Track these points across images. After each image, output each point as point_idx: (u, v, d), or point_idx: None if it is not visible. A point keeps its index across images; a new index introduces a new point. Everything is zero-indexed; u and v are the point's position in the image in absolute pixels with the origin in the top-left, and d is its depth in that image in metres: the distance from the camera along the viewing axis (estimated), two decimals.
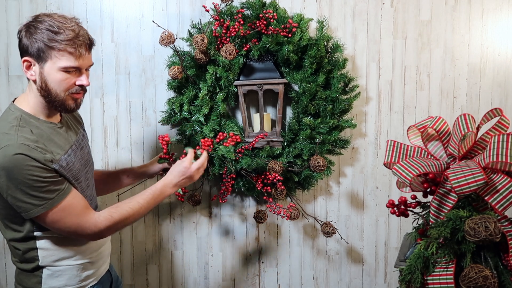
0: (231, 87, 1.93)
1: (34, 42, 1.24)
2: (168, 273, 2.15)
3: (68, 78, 1.28)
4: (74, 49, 1.25)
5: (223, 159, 1.94)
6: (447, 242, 1.20)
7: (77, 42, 1.26)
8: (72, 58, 1.26)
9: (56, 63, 1.25)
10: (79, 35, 1.27)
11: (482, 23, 2.03)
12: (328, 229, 2.00)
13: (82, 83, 1.30)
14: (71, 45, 1.25)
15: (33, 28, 1.25)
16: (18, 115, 1.28)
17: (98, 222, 1.31)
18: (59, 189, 1.26)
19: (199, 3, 1.99)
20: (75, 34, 1.26)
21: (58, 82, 1.27)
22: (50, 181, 1.24)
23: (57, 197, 1.25)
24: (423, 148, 1.42)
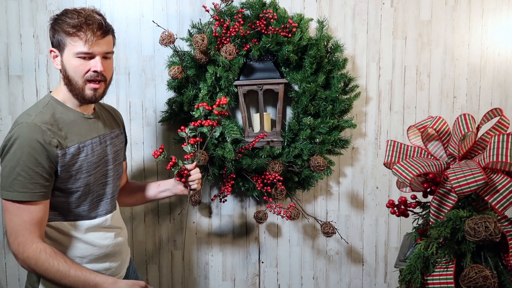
0: (231, 87, 1.93)
1: (55, 32, 1.33)
2: (168, 273, 2.15)
3: (83, 64, 1.32)
4: (83, 33, 1.29)
5: (223, 159, 1.94)
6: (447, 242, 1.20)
7: (84, 27, 1.29)
8: (81, 43, 1.30)
9: (71, 49, 1.31)
10: (88, 20, 1.30)
11: (482, 23, 2.03)
12: (328, 229, 2.00)
13: (95, 68, 1.32)
14: (79, 29, 1.29)
15: (56, 19, 1.34)
16: (46, 100, 1.37)
17: (26, 251, 1.28)
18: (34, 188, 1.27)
19: (199, 3, 1.99)
20: (84, 19, 1.29)
21: (74, 68, 1.32)
22: (37, 172, 1.26)
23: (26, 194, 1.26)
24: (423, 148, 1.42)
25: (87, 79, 1.33)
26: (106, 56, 1.36)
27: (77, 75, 1.33)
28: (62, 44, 1.32)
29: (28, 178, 1.26)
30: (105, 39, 1.34)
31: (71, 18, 1.30)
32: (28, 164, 1.25)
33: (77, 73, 1.32)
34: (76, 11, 1.33)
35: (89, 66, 1.32)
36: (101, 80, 1.35)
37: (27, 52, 1.99)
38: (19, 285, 2.09)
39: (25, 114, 1.33)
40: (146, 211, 2.10)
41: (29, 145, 1.26)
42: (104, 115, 1.52)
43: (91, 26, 1.30)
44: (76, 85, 1.34)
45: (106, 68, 1.36)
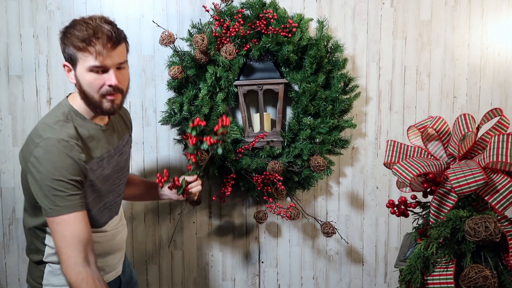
0: (231, 87, 1.93)
1: (65, 46, 1.27)
2: (168, 273, 2.15)
3: (97, 79, 1.26)
4: (92, 47, 1.23)
5: (223, 159, 1.94)
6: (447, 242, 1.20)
7: (94, 40, 1.23)
8: (91, 57, 1.24)
9: (82, 64, 1.25)
10: (97, 32, 1.23)
11: (482, 23, 2.03)
12: (328, 229, 2.00)
13: (109, 82, 1.27)
14: (89, 43, 1.23)
15: (66, 33, 1.27)
16: (66, 110, 1.33)
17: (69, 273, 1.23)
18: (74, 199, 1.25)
19: (199, 3, 1.99)
20: (92, 31, 1.23)
21: (89, 83, 1.27)
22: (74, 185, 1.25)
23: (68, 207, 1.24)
24: (423, 148, 1.42)
25: (103, 93, 1.28)
26: (120, 66, 1.29)
27: (92, 90, 1.27)
28: (73, 59, 1.27)
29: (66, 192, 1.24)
30: (117, 50, 1.27)
31: (79, 30, 1.24)
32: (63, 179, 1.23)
33: (92, 88, 1.27)
34: (85, 22, 1.25)
35: (103, 80, 1.27)
36: (117, 92, 1.30)
37: (27, 52, 1.99)
38: (19, 285, 2.09)
39: (48, 127, 1.28)
40: (146, 211, 2.10)
41: (62, 161, 1.24)
42: (117, 122, 1.48)
43: (100, 38, 1.23)
44: (93, 99, 1.29)
45: (121, 79, 1.30)
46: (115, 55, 1.27)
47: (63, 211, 1.23)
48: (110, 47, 1.25)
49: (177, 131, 2.02)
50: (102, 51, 1.23)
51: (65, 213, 1.24)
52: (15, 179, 2.06)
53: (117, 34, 1.27)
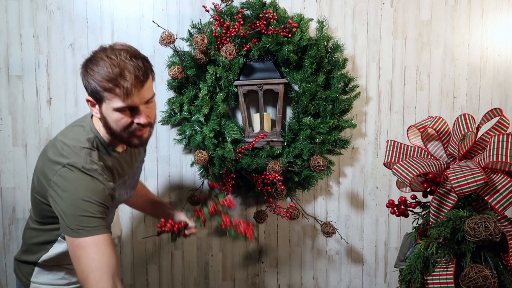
0: (231, 87, 1.93)
1: (89, 84, 1.19)
2: (168, 273, 2.15)
3: (124, 118, 1.20)
4: (119, 89, 1.15)
5: (223, 159, 1.94)
6: (447, 242, 1.20)
7: (121, 82, 1.15)
8: (118, 99, 1.16)
9: (109, 104, 1.18)
10: (124, 72, 1.15)
11: (482, 23, 2.03)
12: (328, 229, 2.00)
13: (139, 121, 1.21)
14: (116, 84, 1.15)
15: (87, 68, 1.19)
16: (92, 137, 1.28)
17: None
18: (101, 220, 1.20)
19: (199, 3, 1.99)
20: (119, 70, 1.15)
21: (116, 122, 1.21)
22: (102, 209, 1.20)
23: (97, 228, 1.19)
24: (423, 148, 1.42)
25: (131, 131, 1.23)
26: (148, 101, 1.22)
27: (119, 128, 1.22)
28: (99, 97, 1.19)
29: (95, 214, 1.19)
30: (145, 86, 1.19)
31: (103, 67, 1.15)
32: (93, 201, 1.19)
33: (119, 126, 1.21)
34: (108, 57, 1.16)
35: (132, 119, 1.21)
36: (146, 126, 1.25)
37: (27, 52, 1.99)
38: None
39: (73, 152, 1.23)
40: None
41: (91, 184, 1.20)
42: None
43: (128, 80, 1.15)
44: (120, 136, 1.24)
45: (150, 113, 1.24)
46: (143, 93, 1.19)
47: (93, 232, 1.17)
48: (139, 86, 1.17)
49: (177, 131, 2.02)
50: (130, 92, 1.16)
51: (95, 234, 1.17)
52: (15, 179, 2.06)
53: (144, 69, 1.18)
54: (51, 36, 1.99)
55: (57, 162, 1.22)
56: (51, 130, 2.03)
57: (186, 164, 2.08)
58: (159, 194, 2.09)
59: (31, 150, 2.04)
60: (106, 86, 1.15)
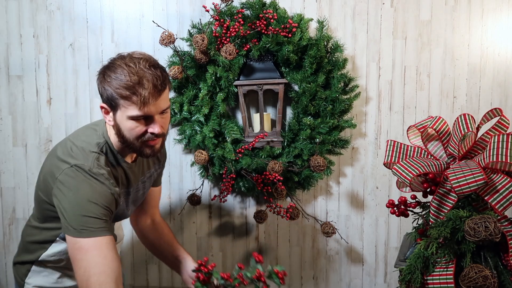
0: (231, 87, 1.93)
1: (105, 91, 1.19)
2: (168, 273, 2.15)
3: (139, 127, 1.20)
4: (137, 97, 1.14)
5: (223, 159, 1.94)
6: (447, 242, 1.20)
7: (139, 90, 1.14)
8: (135, 107, 1.16)
9: (124, 112, 1.18)
10: (143, 79, 1.15)
11: (482, 23, 2.03)
12: (328, 229, 2.00)
13: (153, 131, 1.21)
14: (133, 92, 1.14)
15: (105, 75, 1.19)
16: (102, 142, 1.27)
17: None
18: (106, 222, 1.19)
19: (199, 3, 1.99)
20: (138, 78, 1.14)
21: (129, 130, 1.20)
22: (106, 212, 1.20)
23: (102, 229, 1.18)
24: (423, 148, 1.42)
25: (144, 140, 1.22)
26: (163, 112, 1.22)
27: (132, 137, 1.21)
28: (114, 104, 1.18)
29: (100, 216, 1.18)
30: (162, 96, 1.19)
31: (121, 74, 1.15)
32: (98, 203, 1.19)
33: (133, 135, 1.21)
34: (126, 64, 1.16)
35: (146, 128, 1.21)
36: (159, 137, 1.24)
37: (27, 52, 1.99)
38: None
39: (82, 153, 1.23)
40: None
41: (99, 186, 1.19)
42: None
43: (146, 88, 1.14)
44: (132, 144, 1.23)
45: (164, 124, 1.24)
46: (160, 102, 1.19)
47: (96, 234, 1.15)
48: (156, 96, 1.17)
49: (177, 131, 2.02)
50: (147, 101, 1.15)
51: (98, 235, 1.15)
52: (15, 179, 2.06)
53: (162, 79, 1.18)
54: (51, 36, 1.99)
55: (65, 162, 1.21)
56: (51, 130, 2.03)
57: (186, 164, 2.08)
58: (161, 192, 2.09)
59: (31, 150, 2.04)
60: (123, 94, 1.15)
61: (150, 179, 1.49)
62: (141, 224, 1.61)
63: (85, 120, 2.03)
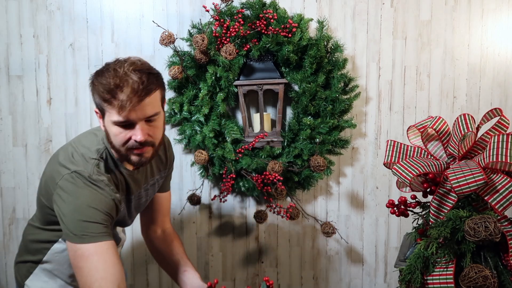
0: (231, 87, 1.93)
1: (94, 96, 1.18)
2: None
3: (122, 133, 1.16)
4: (116, 99, 1.11)
5: (223, 159, 1.94)
6: (447, 242, 1.20)
7: (117, 92, 1.11)
8: (115, 111, 1.12)
9: (108, 117, 1.16)
10: (123, 82, 1.11)
11: (482, 23, 2.03)
12: (328, 229, 2.00)
13: (135, 138, 1.16)
14: (113, 95, 1.11)
15: (94, 80, 1.17)
16: (102, 148, 1.25)
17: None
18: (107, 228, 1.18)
19: (199, 3, 1.99)
20: (118, 84, 1.11)
21: (114, 136, 1.18)
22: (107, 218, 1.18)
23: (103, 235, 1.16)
24: (423, 148, 1.42)
25: (128, 147, 1.18)
26: (150, 119, 1.17)
27: (117, 143, 1.18)
28: (102, 109, 1.17)
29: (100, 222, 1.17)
30: (145, 102, 1.13)
31: (106, 78, 1.12)
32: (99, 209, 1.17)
33: (117, 141, 1.18)
34: (114, 69, 1.13)
35: (130, 135, 1.16)
36: (146, 146, 1.19)
37: (27, 52, 1.99)
38: None
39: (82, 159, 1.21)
40: None
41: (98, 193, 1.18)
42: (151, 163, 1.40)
43: (124, 91, 1.10)
44: (119, 152, 1.21)
45: (152, 131, 1.19)
46: (142, 108, 1.13)
47: (97, 239, 1.14)
48: (136, 101, 1.11)
49: (177, 131, 2.02)
50: (124, 106, 1.10)
51: (99, 240, 1.13)
52: (15, 179, 2.06)
53: (146, 84, 1.13)
54: (51, 36, 1.99)
55: (66, 167, 1.20)
56: (51, 130, 2.03)
57: (186, 164, 2.08)
58: None
59: (31, 150, 2.04)
60: (105, 97, 1.12)
61: (154, 186, 1.46)
62: (151, 235, 1.55)
63: (85, 120, 2.03)
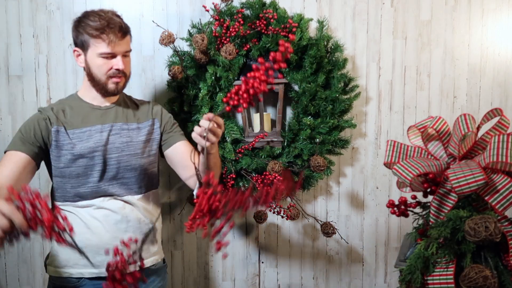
0: (231, 87, 1.93)
1: (79, 34, 1.45)
2: (168, 273, 2.14)
3: (106, 63, 1.46)
4: (106, 35, 1.42)
5: (223, 159, 1.94)
6: (447, 242, 1.20)
7: (107, 30, 1.42)
8: (104, 44, 1.43)
9: (94, 50, 1.44)
10: (110, 23, 1.42)
11: (482, 23, 2.03)
12: (328, 229, 2.00)
13: (117, 67, 1.46)
14: (102, 32, 1.42)
15: (80, 21, 1.46)
16: (69, 95, 1.60)
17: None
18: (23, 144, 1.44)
19: (199, 3, 1.99)
20: (106, 22, 1.42)
21: (98, 67, 1.46)
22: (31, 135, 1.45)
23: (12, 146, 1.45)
24: (423, 148, 1.42)
25: (110, 75, 1.48)
26: (125, 54, 1.49)
27: (100, 73, 1.47)
28: (85, 45, 1.45)
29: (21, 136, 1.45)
30: (125, 39, 1.48)
31: (93, 21, 1.43)
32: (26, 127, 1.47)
33: (101, 71, 1.47)
34: (98, 13, 1.45)
35: (111, 65, 1.46)
36: (122, 75, 1.49)
37: (27, 52, 1.99)
38: (19, 285, 2.09)
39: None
40: None
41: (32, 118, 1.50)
42: (124, 107, 1.59)
43: (113, 28, 1.43)
44: (100, 81, 1.48)
45: (126, 65, 1.50)
46: (123, 44, 1.47)
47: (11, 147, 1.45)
48: (120, 36, 1.45)
49: None
50: (114, 40, 1.43)
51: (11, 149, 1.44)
52: None
53: (125, 26, 1.48)
54: (51, 36, 1.99)
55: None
56: None
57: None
58: (159, 194, 2.09)
59: None
60: (95, 34, 1.42)
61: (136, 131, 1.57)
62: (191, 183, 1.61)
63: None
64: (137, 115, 1.61)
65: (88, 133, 1.49)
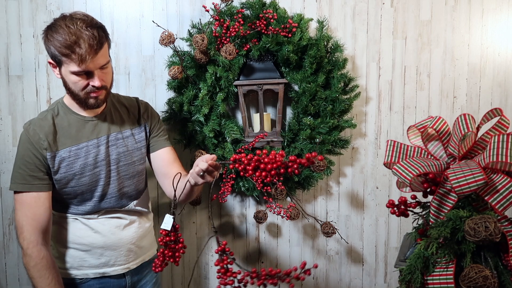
0: (231, 87, 1.93)
1: (49, 48, 1.33)
2: (168, 273, 2.14)
3: (81, 81, 1.34)
4: (75, 55, 1.28)
5: (223, 159, 1.94)
6: (447, 242, 1.20)
7: (76, 48, 1.28)
8: (74, 64, 1.30)
9: (66, 67, 1.33)
10: (79, 38, 1.28)
11: (482, 23, 2.03)
12: (328, 229, 2.00)
13: (93, 84, 1.35)
14: (71, 51, 1.28)
15: (48, 35, 1.32)
16: (54, 104, 1.48)
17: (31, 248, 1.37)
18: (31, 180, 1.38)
19: (199, 3, 1.99)
20: (75, 38, 1.28)
21: (73, 83, 1.35)
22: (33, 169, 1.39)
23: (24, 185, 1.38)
24: (423, 148, 1.42)
25: (87, 92, 1.37)
26: (103, 67, 1.36)
27: (77, 89, 1.36)
28: (57, 61, 1.33)
29: (26, 171, 1.38)
30: (99, 54, 1.32)
31: (61, 34, 1.28)
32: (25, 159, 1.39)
33: (77, 87, 1.36)
34: (67, 26, 1.29)
35: (87, 81, 1.35)
36: (101, 89, 1.38)
37: (27, 52, 1.99)
38: (19, 285, 2.09)
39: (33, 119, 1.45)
40: None
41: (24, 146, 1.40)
42: (115, 114, 1.53)
43: (82, 47, 1.28)
44: (78, 96, 1.38)
45: (105, 77, 1.37)
46: (97, 59, 1.32)
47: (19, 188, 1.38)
48: (93, 54, 1.30)
49: (177, 131, 2.02)
50: (85, 57, 1.29)
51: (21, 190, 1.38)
52: None
53: (98, 39, 1.31)
54: None
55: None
56: None
57: (186, 164, 2.08)
58: (159, 194, 2.09)
59: None
60: (64, 52, 1.29)
61: (130, 139, 1.54)
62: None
63: None
64: (130, 120, 1.57)
65: (86, 149, 1.44)
